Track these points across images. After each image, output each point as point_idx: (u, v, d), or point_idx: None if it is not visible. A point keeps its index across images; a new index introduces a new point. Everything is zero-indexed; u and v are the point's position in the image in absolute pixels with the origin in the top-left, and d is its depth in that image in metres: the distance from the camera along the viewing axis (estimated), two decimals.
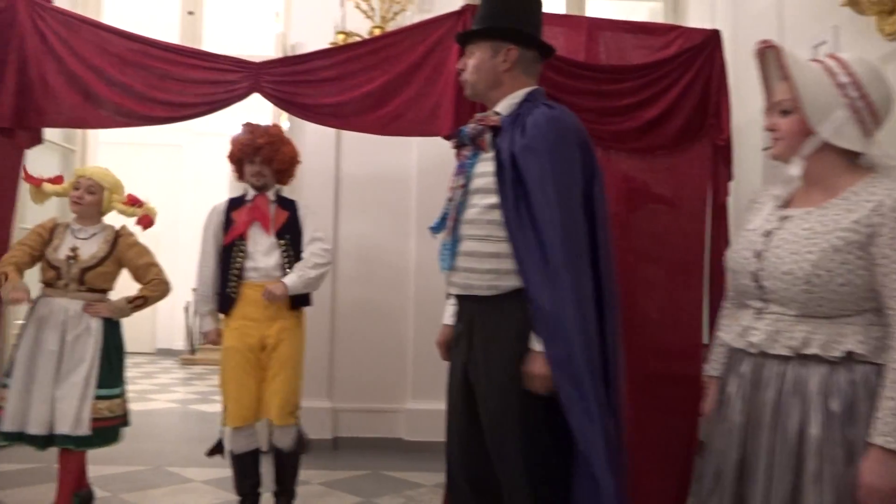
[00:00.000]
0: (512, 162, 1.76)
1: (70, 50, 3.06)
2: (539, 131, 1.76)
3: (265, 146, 3.06)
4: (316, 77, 3.17)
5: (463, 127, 1.93)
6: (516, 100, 1.89)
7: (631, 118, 2.99)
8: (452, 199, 1.87)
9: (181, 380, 8.32)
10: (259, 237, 3.05)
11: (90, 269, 2.94)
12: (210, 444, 3.20)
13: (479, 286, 1.79)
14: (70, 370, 2.84)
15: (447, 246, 1.86)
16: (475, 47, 1.90)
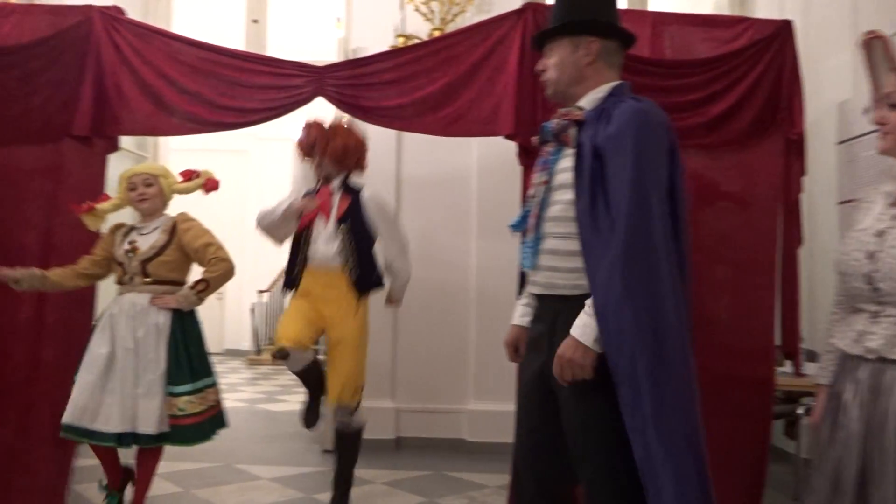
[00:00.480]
0: (593, 154, 1.70)
1: (143, 60, 3.17)
2: (624, 123, 1.68)
3: (318, 141, 3.24)
4: (377, 80, 3.20)
5: (546, 123, 1.88)
6: (601, 94, 1.82)
7: (698, 114, 2.92)
8: (535, 196, 1.82)
9: (248, 380, 8.53)
10: (322, 226, 3.21)
11: (149, 259, 2.92)
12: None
13: (563, 285, 1.75)
14: (145, 367, 2.82)
15: (529, 244, 1.81)
16: (554, 45, 1.86)
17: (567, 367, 1.65)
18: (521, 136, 3.01)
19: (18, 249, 3.10)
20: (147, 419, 2.78)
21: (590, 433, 1.71)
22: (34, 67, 3.13)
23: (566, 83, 1.85)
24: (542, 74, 1.90)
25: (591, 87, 1.83)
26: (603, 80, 1.84)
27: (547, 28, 1.89)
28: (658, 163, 1.69)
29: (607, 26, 1.85)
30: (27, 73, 3.13)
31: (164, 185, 3.05)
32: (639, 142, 1.66)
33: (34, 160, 3.15)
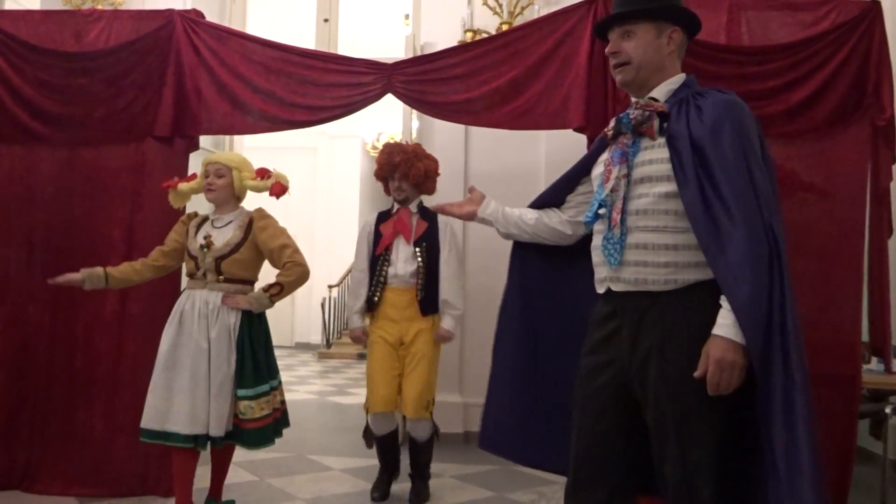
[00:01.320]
0: (691, 146, 1.64)
1: (220, 61, 3.28)
2: (722, 114, 1.66)
3: (401, 164, 3.29)
4: (446, 75, 3.21)
5: (623, 114, 1.79)
6: (674, 86, 1.79)
7: (778, 101, 2.81)
8: (616, 190, 1.74)
9: (318, 372, 8.71)
10: (401, 247, 3.33)
11: (224, 257, 2.82)
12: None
13: (655, 280, 1.67)
14: (217, 367, 2.74)
15: (614, 240, 1.72)
16: (635, 28, 1.77)
17: (728, 371, 1.55)
18: (590, 129, 2.97)
19: (105, 243, 3.26)
20: (218, 421, 2.72)
21: (684, 432, 1.63)
22: (119, 71, 3.28)
23: (649, 70, 1.78)
24: (616, 57, 1.80)
25: (666, 78, 1.80)
26: (675, 71, 1.82)
27: (631, 8, 1.77)
28: (758, 150, 1.69)
29: (690, 17, 1.82)
30: (112, 77, 3.28)
31: (237, 179, 2.93)
32: (741, 132, 1.65)
33: (119, 159, 3.31)
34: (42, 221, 3.30)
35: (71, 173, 3.32)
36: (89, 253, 3.25)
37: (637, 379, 1.70)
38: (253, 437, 2.79)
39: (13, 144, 3.33)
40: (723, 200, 1.59)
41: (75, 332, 3.26)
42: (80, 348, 3.25)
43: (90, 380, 3.22)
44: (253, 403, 2.78)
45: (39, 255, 3.29)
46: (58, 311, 3.27)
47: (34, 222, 3.31)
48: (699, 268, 1.65)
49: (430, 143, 4.53)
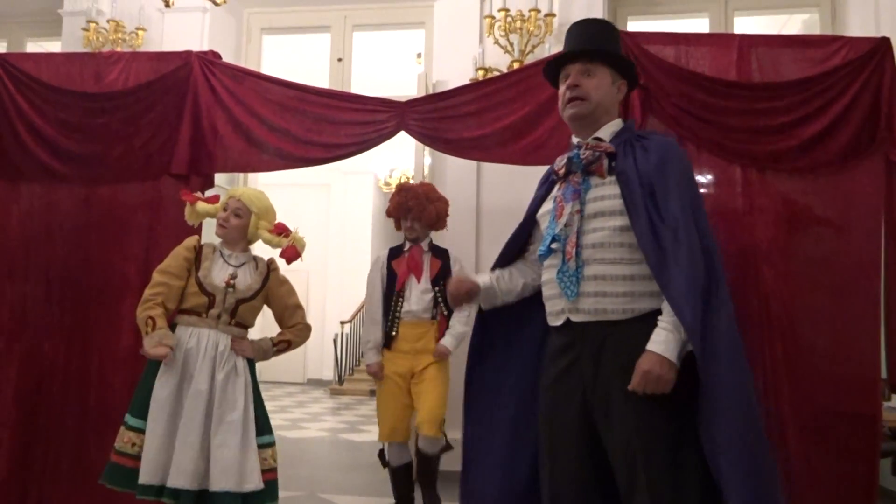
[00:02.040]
0: (639, 183, 1.79)
1: (236, 100, 3.33)
2: (667, 155, 1.83)
3: (414, 207, 3.49)
4: (458, 112, 3.25)
5: (573, 154, 1.92)
6: (616, 128, 1.95)
7: (791, 136, 2.82)
8: (570, 225, 1.84)
9: (330, 409, 8.66)
10: (414, 285, 3.50)
11: (245, 301, 2.70)
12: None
13: (614, 309, 1.77)
14: (224, 414, 2.52)
15: (569, 272, 1.81)
16: (597, 69, 1.94)
17: (652, 383, 1.66)
18: None
19: (121, 279, 3.29)
20: (226, 474, 2.44)
21: (650, 453, 1.67)
22: (137, 110, 3.34)
23: (601, 111, 1.94)
24: (575, 91, 1.92)
25: (611, 120, 1.96)
26: (616, 116, 1.99)
27: (598, 48, 1.95)
28: (694, 186, 1.88)
29: (636, 77, 2.05)
30: (131, 116, 3.34)
31: (252, 225, 2.81)
32: (682, 170, 1.84)
33: (136, 196, 3.35)
34: (60, 258, 3.34)
35: (88, 210, 3.36)
36: (105, 289, 3.28)
37: (600, 407, 1.76)
38: (270, 488, 2.57)
39: (33, 183, 3.39)
40: (670, 229, 1.73)
41: (89, 368, 3.27)
42: (94, 384, 3.25)
43: (103, 416, 3.21)
44: (268, 452, 2.63)
45: (57, 291, 3.32)
46: (72, 347, 3.28)
47: (52, 259, 3.34)
48: (653, 297, 1.76)
49: (442, 179, 4.56)
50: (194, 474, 2.44)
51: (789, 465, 2.73)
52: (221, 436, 2.48)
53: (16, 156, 3.38)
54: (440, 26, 4.89)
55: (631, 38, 3.01)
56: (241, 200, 2.81)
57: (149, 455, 2.47)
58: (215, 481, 2.43)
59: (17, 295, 3.34)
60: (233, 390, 2.58)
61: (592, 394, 1.77)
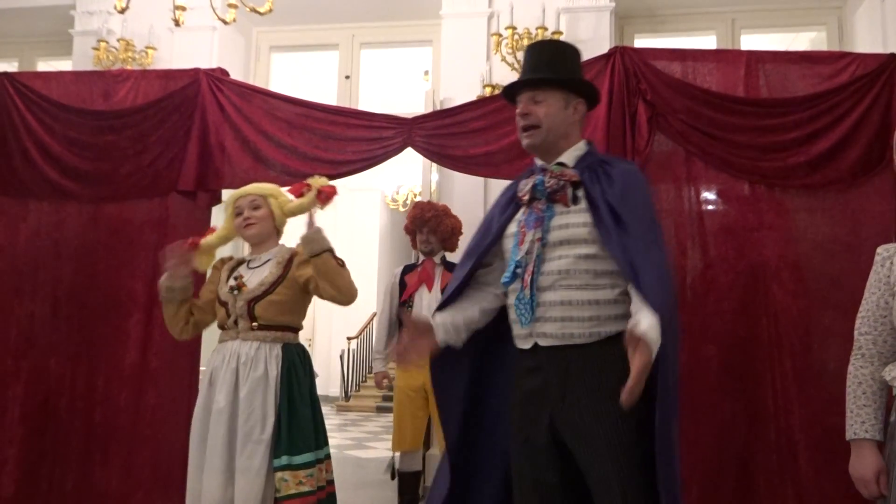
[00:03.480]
0: (609, 211, 1.78)
1: (243, 117, 3.35)
2: (632, 183, 1.84)
3: (430, 220, 3.64)
4: (465, 129, 3.25)
5: (538, 181, 1.87)
6: (579, 152, 1.92)
7: (799, 153, 2.80)
8: (530, 253, 1.82)
9: (337, 426, 8.62)
10: (425, 295, 3.61)
11: (257, 299, 2.42)
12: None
13: (581, 333, 1.77)
14: (251, 432, 2.29)
15: (525, 300, 1.81)
16: (545, 95, 1.89)
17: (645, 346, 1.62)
18: None
19: (129, 297, 3.29)
20: (244, 501, 2.25)
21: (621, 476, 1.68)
22: (146, 128, 3.36)
23: (556, 136, 1.90)
24: (526, 119, 1.90)
25: (571, 144, 1.92)
26: (578, 138, 1.94)
27: (543, 76, 1.91)
28: (654, 209, 1.89)
29: (593, 92, 1.97)
30: (139, 134, 3.36)
31: (275, 206, 2.56)
32: (646, 198, 1.86)
33: (144, 213, 3.36)
34: (67, 276, 3.34)
35: (96, 228, 3.37)
36: (112, 307, 3.28)
37: (569, 428, 1.76)
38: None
39: (42, 200, 3.41)
40: (639, 251, 1.73)
41: (95, 386, 3.26)
42: (100, 402, 3.24)
43: (109, 434, 3.21)
44: (288, 475, 2.27)
45: (64, 309, 3.32)
46: (79, 365, 3.28)
47: (60, 276, 3.35)
48: (618, 320, 1.76)
49: (449, 196, 4.56)
50: (222, 501, 2.26)
51: (799, 486, 2.69)
52: (246, 459, 2.26)
53: (25, 173, 3.39)
54: (447, 44, 4.91)
55: (637, 54, 3.01)
56: (250, 192, 2.57)
57: (190, 485, 2.35)
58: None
59: (25, 313, 3.34)
60: (262, 404, 2.32)
61: (560, 415, 1.77)
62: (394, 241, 13.25)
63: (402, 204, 10.98)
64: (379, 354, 3.70)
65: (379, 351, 3.70)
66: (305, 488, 2.29)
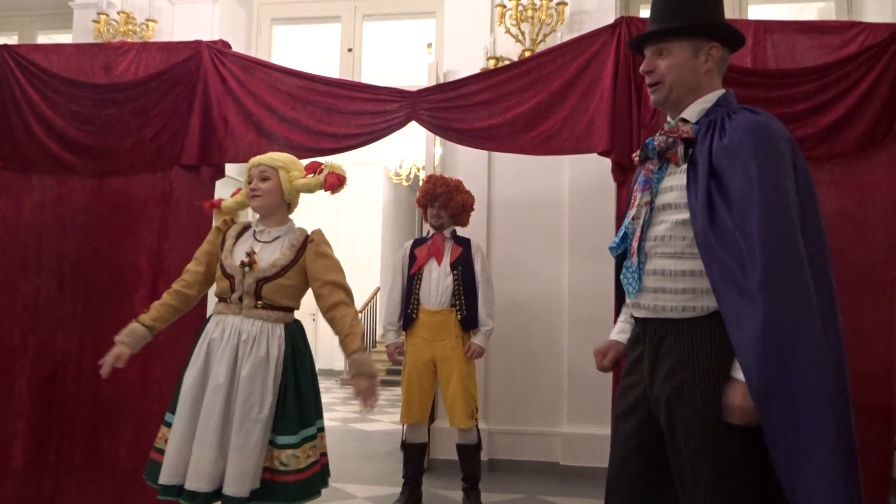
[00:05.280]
0: (709, 171, 1.59)
1: (246, 90, 3.32)
2: (744, 136, 1.57)
3: (442, 195, 3.65)
4: (470, 101, 3.23)
5: (649, 140, 1.75)
6: (707, 105, 1.71)
7: (806, 124, 2.77)
8: (637, 217, 1.71)
9: (341, 399, 8.69)
10: (434, 268, 3.66)
11: (268, 280, 2.38)
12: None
13: (672, 308, 1.64)
14: (249, 412, 2.27)
15: (632, 269, 1.71)
16: (670, 46, 1.71)
17: (737, 414, 1.52)
18: (616, 153, 2.95)
19: (133, 271, 3.29)
20: (240, 479, 2.22)
21: (697, 460, 1.59)
22: (147, 101, 3.34)
23: (681, 91, 1.72)
24: (650, 76, 1.74)
25: (701, 96, 1.72)
26: (712, 88, 1.74)
27: (665, 26, 1.71)
28: (784, 178, 1.55)
29: (731, 32, 1.74)
30: (141, 107, 3.34)
31: (284, 180, 2.49)
32: (760, 156, 1.54)
33: (147, 188, 3.35)
34: (72, 250, 3.35)
35: (100, 202, 3.37)
36: (117, 281, 3.28)
37: (655, 405, 1.68)
38: (295, 491, 2.29)
39: (45, 175, 3.39)
40: (737, 230, 1.52)
41: None
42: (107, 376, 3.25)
43: (116, 408, 3.23)
44: (298, 452, 2.30)
45: (69, 283, 3.33)
46: (85, 339, 3.29)
47: (65, 251, 3.35)
48: None
49: (453, 169, 4.54)
50: (212, 476, 2.22)
51: None
52: (242, 437, 2.24)
53: (27, 147, 3.38)
54: (451, 16, 4.85)
55: (644, 24, 2.97)
56: (262, 163, 2.50)
57: (170, 453, 2.28)
58: (228, 485, 2.22)
59: (31, 287, 3.35)
60: (262, 385, 2.29)
61: (650, 390, 1.69)
62: (397, 216, 13.23)
63: (405, 178, 10.94)
64: (391, 326, 3.72)
65: (392, 322, 3.72)
66: (312, 459, 2.35)
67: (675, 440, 1.62)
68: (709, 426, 1.57)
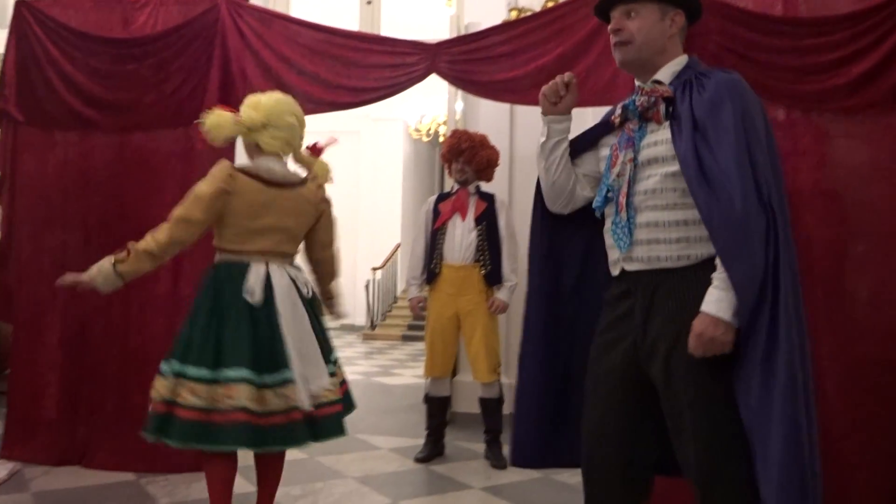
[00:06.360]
0: (693, 125, 1.67)
1: (264, 43, 3.29)
2: (724, 90, 1.68)
3: (466, 150, 3.62)
4: (491, 53, 3.17)
5: (629, 101, 1.82)
6: (678, 67, 1.81)
7: (838, 74, 2.68)
8: (622, 174, 1.77)
9: (363, 354, 8.81)
10: (458, 224, 3.65)
11: None
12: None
13: (668, 256, 1.69)
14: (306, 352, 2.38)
15: (621, 224, 1.75)
16: (639, 8, 1.79)
17: (708, 345, 1.59)
18: None
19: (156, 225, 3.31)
20: None
21: (712, 417, 1.62)
22: (166, 56, 3.32)
23: (650, 52, 1.80)
24: (619, 35, 1.80)
25: (669, 59, 1.81)
26: (678, 53, 1.83)
27: None
28: (760, 131, 1.67)
29: (692, 2, 1.84)
30: (160, 62, 3.33)
31: None
32: (742, 111, 1.65)
33: (169, 144, 3.37)
34: (97, 206, 3.39)
35: (123, 158, 3.39)
36: (141, 236, 3.30)
37: (648, 356, 1.71)
38: None
39: (68, 131, 3.42)
40: (723, 175, 1.60)
41: (130, 313, 3.34)
42: (135, 329, 3.33)
43: (144, 359, 3.29)
44: (329, 384, 2.40)
45: (95, 239, 3.37)
46: (113, 293, 3.33)
47: (90, 207, 3.39)
48: (710, 242, 1.64)
49: (475, 124, 4.49)
50: None
51: (827, 413, 2.70)
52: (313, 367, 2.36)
53: (49, 104, 3.40)
54: None
55: None
56: None
57: None
58: None
59: (57, 242, 3.41)
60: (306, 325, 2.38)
61: (642, 342, 1.72)
62: (417, 171, 13.18)
63: (425, 133, 10.86)
64: (414, 281, 3.75)
65: (415, 277, 3.74)
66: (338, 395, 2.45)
67: (673, 388, 1.67)
68: (705, 373, 1.62)
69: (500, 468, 3.52)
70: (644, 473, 1.79)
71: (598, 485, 1.79)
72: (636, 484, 1.78)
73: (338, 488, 3.17)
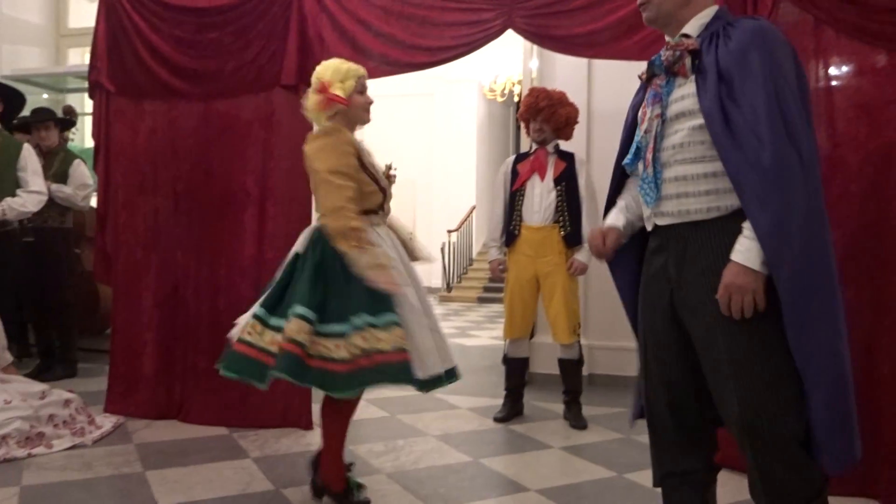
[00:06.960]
0: (717, 76, 1.64)
1: (340, 6, 3.30)
2: (750, 38, 1.64)
3: (544, 109, 3.55)
4: (568, 7, 3.09)
5: (655, 56, 1.79)
6: (706, 19, 1.76)
7: None
8: (650, 131, 1.76)
9: (440, 315, 8.85)
10: (537, 184, 3.61)
11: None
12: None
13: (698, 209, 1.69)
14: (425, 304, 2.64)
15: (648, 179, 1.76)
16: None
17: (737, 295, 1.58)
18: None
19: (241, 190, 3.44)
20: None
21: (750, 368, 1.61)
22: (246, 23, 3.38)
23: (671, 6, 1.76)
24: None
25: (696, 12, 1.77)
26: (706, 3, 1.79)
27: None
28: (790, 78, 1.63)
29: None
30: (240, 29, 3.39)
31: None
32: (766, 56, 1.61)
33: (251, 109, 3.44)
34: (185, 172, 3.51)
35: (207, 125, 3.49)
36: (228, 201, 3.44)
37: (684, 308, 1.72)
38: None
39: (156, 100, 3.54)
40: (750, 126, 1.57)
41: (218, 276, 3.47)
42: (223, 291, 3.46)
43: (233, 319, 3.42)
44: None
45: (184, 204, 3.52)
46: (202, 256, 3.49)
47: (178, 173, 3.52)
48: None
49: (551, 82, 4.40)
50: None
51: None
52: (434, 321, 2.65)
53: (137, 74, 3.52)
54: None
55: None
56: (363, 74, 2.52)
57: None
58: None
59: (150, 208, 3.56)
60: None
61: (678, 295, 1.73)
62: (492, 132, 13.07)
63: (499, 94, 10.73)
64: (494, 242, 3.72)
65: (494, 238, 3.71)
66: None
67: (712, 336, 1.66)
68: (741, 323, 1.60)
69: (579, 428, 3.52)
70: (704, 428, 1.81)
71: (659, 433, 1.84)
72: (700, 432, 1.80)
73: (419, 445, 3.24)
